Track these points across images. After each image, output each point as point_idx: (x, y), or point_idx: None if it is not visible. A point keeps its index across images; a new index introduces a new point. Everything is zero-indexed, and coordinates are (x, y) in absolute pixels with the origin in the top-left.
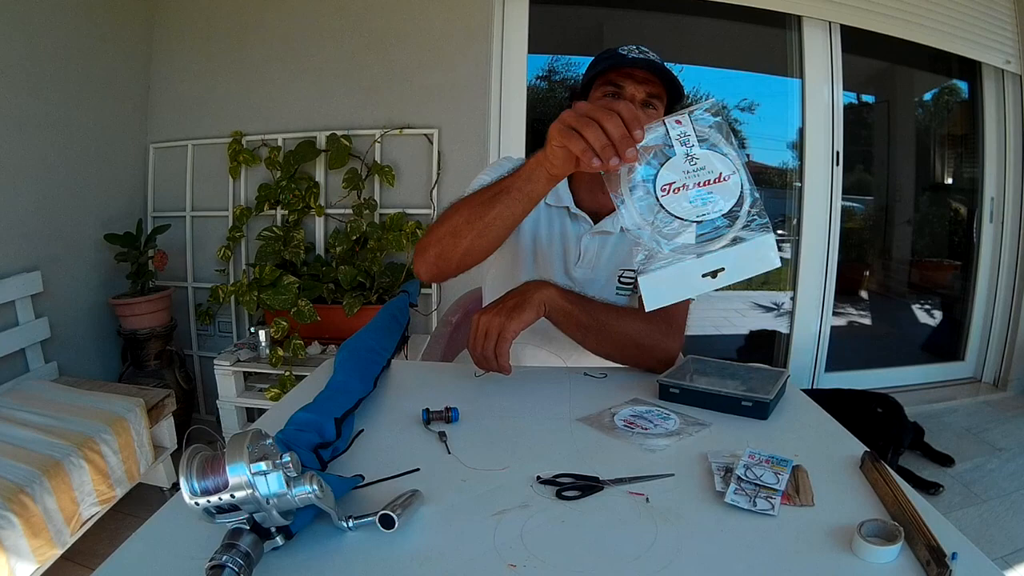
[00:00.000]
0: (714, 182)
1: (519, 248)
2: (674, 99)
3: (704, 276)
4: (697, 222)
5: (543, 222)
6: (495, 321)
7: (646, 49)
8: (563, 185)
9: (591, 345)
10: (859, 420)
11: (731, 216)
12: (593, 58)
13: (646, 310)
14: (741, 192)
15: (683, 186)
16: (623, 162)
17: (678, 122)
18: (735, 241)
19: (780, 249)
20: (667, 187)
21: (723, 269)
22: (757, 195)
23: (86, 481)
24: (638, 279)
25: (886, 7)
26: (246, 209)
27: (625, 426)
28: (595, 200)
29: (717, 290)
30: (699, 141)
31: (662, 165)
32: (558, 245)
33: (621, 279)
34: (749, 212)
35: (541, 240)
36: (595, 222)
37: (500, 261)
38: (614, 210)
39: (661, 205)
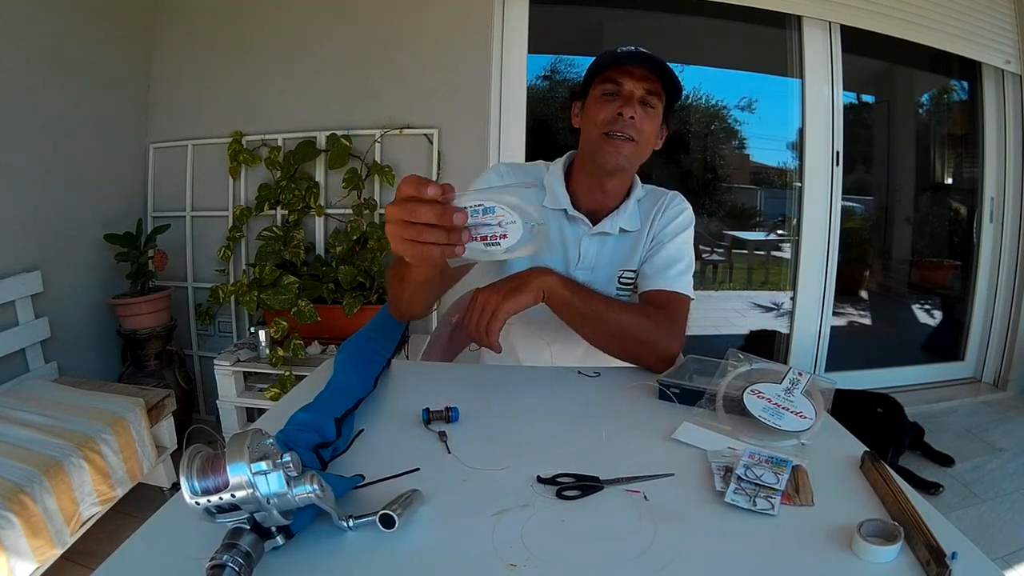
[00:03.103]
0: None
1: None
2: (673, 97)
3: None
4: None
5: None
6: (492, 300)
7: (645, 50)
8: (560, 187)
9: (589, 335)
10: (859, 420)
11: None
12: (593, 59)
13: None
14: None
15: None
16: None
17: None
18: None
19: (780, 249)
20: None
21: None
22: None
23: (86, 481)
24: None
25: (886, 7)
26: (246, 209)
27: (489, 245)
28: (593, 201)
29: (718, 290)
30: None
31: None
32: (558, 249)
33: (621, 279)
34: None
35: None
36: (593, 223)
37: (496, 268)
38: (613, 210)
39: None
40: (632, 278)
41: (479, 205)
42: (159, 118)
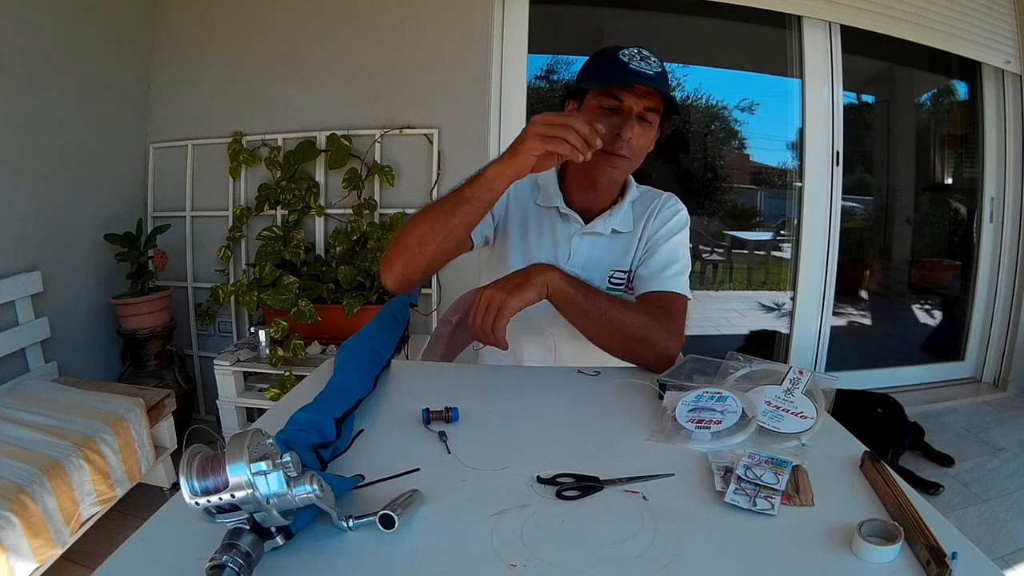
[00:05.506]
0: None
1: (508, 250)
2: (668, 111)
3: None
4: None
5: (532, 222)
6: (496, 296)
7: (648, 53)
8: (553, 185)
9: (592, 333)
10: (859, 420)
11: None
12: (591, 55)
13: None
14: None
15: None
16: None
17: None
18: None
19: (780, 249)
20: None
21: None
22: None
23: (86, 481)
24: None
25: (886, 7)
26: (246, 209)
27: (699, 428)
28: (586, 199)
29: (718, 290)
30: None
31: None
32: (548, 245)
33: (612, 279)
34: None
35: (531, 241)
36: (586, 221)
37: (491, 263)
38: (604, 210)
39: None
40: (623, 278)
41: (717, 392)
42: (159, 118)
